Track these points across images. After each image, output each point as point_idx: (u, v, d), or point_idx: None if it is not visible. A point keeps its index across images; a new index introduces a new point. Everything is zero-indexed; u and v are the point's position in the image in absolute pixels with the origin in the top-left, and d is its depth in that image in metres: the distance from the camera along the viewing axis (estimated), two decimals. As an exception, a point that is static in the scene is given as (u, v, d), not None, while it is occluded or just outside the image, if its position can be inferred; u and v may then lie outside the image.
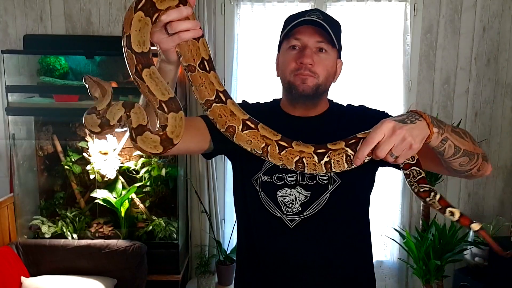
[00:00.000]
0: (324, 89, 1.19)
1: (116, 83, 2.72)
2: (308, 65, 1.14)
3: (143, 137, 0.82)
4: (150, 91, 0.82)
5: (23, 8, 2.82)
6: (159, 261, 2.69)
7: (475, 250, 2.81)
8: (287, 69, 1.18)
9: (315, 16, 1.15)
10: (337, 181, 1.17)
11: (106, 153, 2.78)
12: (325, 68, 1.16)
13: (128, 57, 0.81)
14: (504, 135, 3.00)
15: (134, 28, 0.78)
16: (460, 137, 0.97)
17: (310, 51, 1.14)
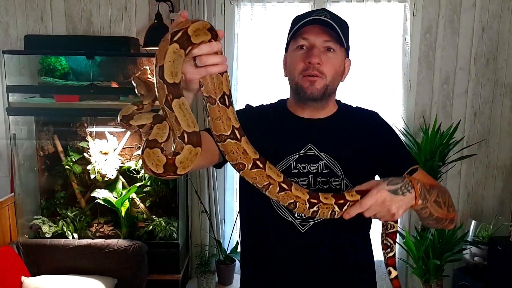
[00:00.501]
0: (332, 90, 1.18)
1: (116, 83, 2.72)
2: (316, 65, 1.13)
3: (151, 151, 0.82)
4: (176, 121, 0.83)
5: (24, 8, 2.83)
6: (159, 261, 2.69)
7: (475, 250, 2.82)
8: (295, 70, 1.17)
9: (323, 16, 1.14)
10: (349, 186, 1.17)
11: (107, 153, 2.79)
12: (333, 68, 1.15)
13: (159, 87, 0.82)
14: (503, 135, 3.01)
15: (168, 59, 0.79)
16: (439, 206, 1.08)
17: (318, 51, 1.13)
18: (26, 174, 2.81)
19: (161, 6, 2.73)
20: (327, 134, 1.20)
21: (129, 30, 2.85)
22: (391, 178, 1.00)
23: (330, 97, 1.20)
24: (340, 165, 1.17)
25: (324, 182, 1.17)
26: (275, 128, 1.23)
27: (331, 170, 1.17)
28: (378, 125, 1.25)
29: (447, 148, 2.72)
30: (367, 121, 1.25)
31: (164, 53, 0.79)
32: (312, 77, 1.13)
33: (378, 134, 1.23)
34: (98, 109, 2.64)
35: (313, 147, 1.19)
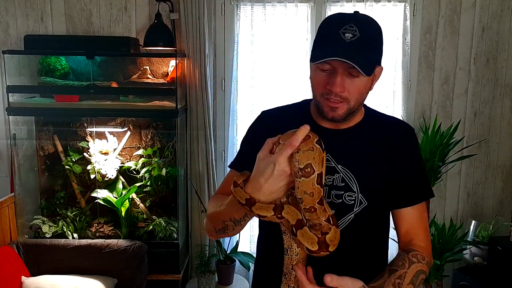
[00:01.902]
0: (356, 110, 1.11)
1: (116, 83, 2.72)
2: (339, 92, 1.05)
3: (302, 231, 0.91)
4: (325, 210, 0.94)
5: (24, 8, 2.83)
6: (159, 261, 2.69)
7: (475, 250, 2.82)
8: (317, 90, 1.09)
9: (351, 34, 1.02)
10: (363, 203, 1.11)
11: (107, 153, 2.79)
12: (358, 92, 1.07)
13: (316, 192, 0.90)
14: (503, 135, 3.01)
15: (324, 167, 0.91)
16: None
17: (341, 78, 1.03)
18: (26, 174, 2.81)
19: (161, 6, 2.74)
20: (347, 146, 1.14)
21: (129, 30, 2.85)
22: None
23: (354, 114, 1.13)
24: (356, 180, 1.12)
25: (338, 196, 1.12)
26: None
27: (347, 184, 1.12)
28: (405, 142, 1.17)
29: (447, 148, 2.73)
30: (394, 135, 1.17)
31: (321, 160, 0.89)
32: (334, 103, 1.06)
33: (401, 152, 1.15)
34: (98, 109, 2.64)
35: (330, 158, 1.13)
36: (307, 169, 0.87)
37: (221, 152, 2.97)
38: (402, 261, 1.08)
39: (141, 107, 2.67)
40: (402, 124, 1.23)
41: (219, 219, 1.09)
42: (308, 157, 0.87)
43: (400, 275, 1.04)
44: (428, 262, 1.12)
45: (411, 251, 1.11)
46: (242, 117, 2.95)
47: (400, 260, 1.08)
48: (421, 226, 1.16)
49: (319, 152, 0.88)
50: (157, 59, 2.84)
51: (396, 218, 1.18)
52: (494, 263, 2.66)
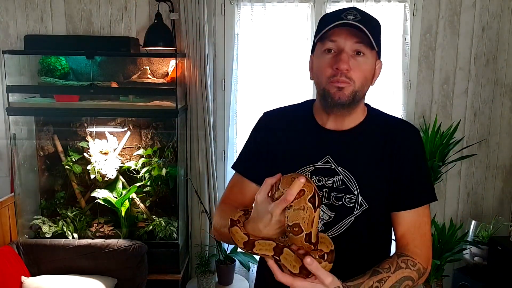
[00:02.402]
0: (361, 95, 1.11)
1: (116, 83, 2.72)
2: (345, 71, 1.05)
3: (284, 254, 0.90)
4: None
5: (24, 8, 2.83)
6: (159, 261, 2.69)
7: (475, 250, 2.82)
8: (323, 76, 1.08)
9: (352, 16, 1.05)
10: (364, 205, 1.10)
11: (107, 153, 2.79)
12: (363, 74, 1.08)
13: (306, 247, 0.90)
14: (503, 135, 3.01)
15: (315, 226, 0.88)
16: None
17: (347, 56, 1.05)
18: (26, 174, 2.81)
19: (161, 6, 2.74)
20: (348, 148, 1.13)
21: (129, 30, 2.85)
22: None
23: (359, 103, 1.12)
24: (357, 182, 1.10)
25: (337, 198, 1.11)
26: (294, 138, 1.17)
27: (347, 186, 1.11)
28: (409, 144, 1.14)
29: (447, 148, 2.73)
30: (398, 136, 1.14)
31: (311, 220, 0.87)
32: (340, 83, 1.06)
33: (404, 154, 1.12)
34: (98, 109, 2.64)
35: (330, 160, 1.13)
36: (295, 228, 0.87)
37: (221, 152, 2.97)
38: (390, 264, 1.04)
39: (141, 107, 2.67)
40: (406, 124, 1.20)
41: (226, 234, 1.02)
42: (297, 216, 0.86)
43: (382, 278, 1.01)
44: (420, 269, 1.07)
45: (402, 256, 1.08)
46: (242, 117, 2.95)
47: (387, 263, 1.05)
48: (418, 231, 1.11)
49: (310, 212, 0.86)
50: (157, 59, 2.84)
51: (394, 220, 1.14)
52: (494, 263, 2.66)
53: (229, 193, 1.24)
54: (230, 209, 1.12)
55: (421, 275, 1.08)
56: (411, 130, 1.17)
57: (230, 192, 1.24)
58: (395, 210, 1.13)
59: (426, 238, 1.12)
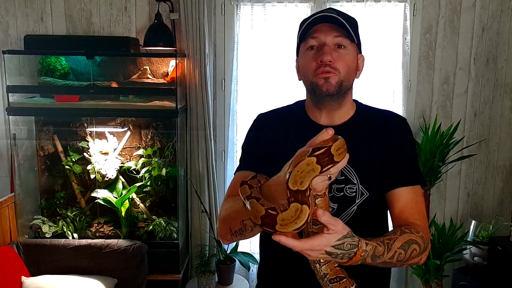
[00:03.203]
0: (347, 86, 1.16)
1: (116, 83, 2.72)
2: (328, 62, 1.12)
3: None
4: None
5: (24, 8, 2.83)
6: (159, 261, 2.69)
7: (474, 250, 2.82)
8: (308, 70, 1.15)
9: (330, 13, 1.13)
10: (364, 194, 1.15)
11: (107, 153, 2.79)
12: (346, 64, 1.14)
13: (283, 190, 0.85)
14: (503, 135, 3.01)
15: (297, 169, 0.82)
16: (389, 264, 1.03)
17: (329, 48, 1.12)
18: (26, 174, 2.81)
19: (161, 6, 2.74)
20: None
21: (129, 30, 2.85)
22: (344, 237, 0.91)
23: (347, 94, 1.18)
24: (356, 172, 1.16)
25: (339, 189, 1.16)
26: (291, 136, 1.21)
27: (347, 177, 1.16)
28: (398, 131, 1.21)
29: (447, 148, 2.73)
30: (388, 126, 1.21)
31: (297, 162, 0.83)
32: (326, 73, 1.12)
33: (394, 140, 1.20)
34: (98, 109, 2.64)
35: None
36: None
37: (221, 152, 2.97)
38: (394, 230, 1.07)
39: (141, 107, 2.67)
40: (394, 115, 1.26)
41: (237, 218, 1.05)
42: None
43: (390, 237, 1.02)
44: (423, 237, 1.08)
45: (404, 225, 1.10)
46: (242, 117, 2.95)
47: (392, 231, 1.07)
48: (416, 207, 1.15)
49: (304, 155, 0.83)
50: (157, 59, 2.84)
51: (391, 199, 1.16)
52: (494, 263, 2.66)
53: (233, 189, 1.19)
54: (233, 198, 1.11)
55: (425, 245, 1.08)
56: (400, 120, 1.24)
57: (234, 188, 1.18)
58: (391, 188, 1.16)
59: (424, 215, 1.15)
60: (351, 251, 0.92)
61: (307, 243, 0.88)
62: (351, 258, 0.93)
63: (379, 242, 0.99)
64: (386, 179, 1.17)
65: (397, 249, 1.02)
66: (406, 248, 1.03)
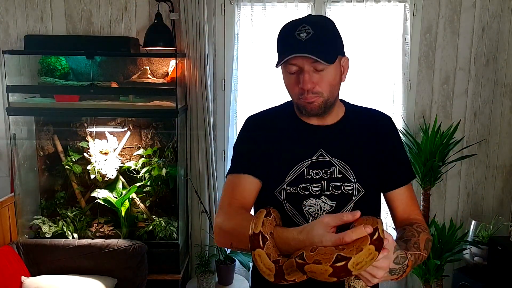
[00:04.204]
0: (332, 101, 1.18)
1: (116, 83, 2.72)
2: (310, 89, 1.12)
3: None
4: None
5: (24, 8, 2.83)
6: (159, 261, 2.69)
7: (475, 250, 2.82)
8: (292, 93, 1.18)
9: (305, 33, 1.09)
10: (361, 191, 1.19)
11: (107, 153, 2.79)
12: (328, 84, 1.14)
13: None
14: (503, 135, 3.01)
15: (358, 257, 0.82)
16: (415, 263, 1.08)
17: (308, 75, 1.11)
18: (26, 174, 2.81)
19: (161, 6, 2.74)
20: (338, 140, 1.21)
21: (129, 30, 2.85)
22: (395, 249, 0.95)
23: (333, 105, 1.20)
24: (352, 170, 1.19)
25: (336, 187, 1.18)
26: (284, 136, 1.23)
27: (344, 175, 1.19)
28: (387, 130, 1.27)
29: (447, 148, 2.73)
30: (377, 124, 1.26)
31: (359, 249, 0.80)
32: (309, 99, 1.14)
33: (385, 139, 1.25)
34: (98, 109, 2.64)
35: (324, 153, 1.20)
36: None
37: (221, 152, 2.97)
38: (411, 232, 1.14)
39: (141, 107, 2.67)
40: (381, 114, 1.30)
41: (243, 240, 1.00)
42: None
43: (415, 242, 1.10)
44: (428, 230, 1.20)
45: (414, 224, 1.18)
46: (242, 117, 2.95)
47: (408, 232, 1.14)
48: (413, 202, 1.26)
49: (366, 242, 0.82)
50: (157, 59, 2.84)
51: (391, 199, 1.25)
52: (494, 263, 2.66)
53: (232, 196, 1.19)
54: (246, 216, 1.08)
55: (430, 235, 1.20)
56: (387, 118, 1.29)
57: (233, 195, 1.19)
58: (390, 189, 1.25)
59: (418, 208, 1.28)
60: (404, 264, 0.98)
61: (385, 262, 0.90)
62: (404, 271, 1.00)
63: (414, 249, 1.07)
64: (384, 181, 1.24)
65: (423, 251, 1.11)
66: (427, 247, 1.13)
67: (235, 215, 1.12)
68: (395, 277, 0.99)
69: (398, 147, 1.28)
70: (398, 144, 1.29)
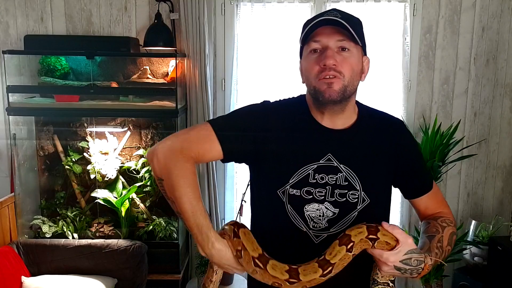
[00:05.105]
0: (351, 90, 1.12)
1: (116, 83, 2.72)
2: (332, 66, 1.08)
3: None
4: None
5: (24, 8, 2.83)
6: (159, 261, 2.69)
7: (475, 250, 2.82)
8: (311, 74, 1.12)
9: (333, 15, 1.10)
10: (366, 200, 1.15)
11: (107, 153, 2.79)
12: (350, 67, 1.10)
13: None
14: (503, 135, 3.01)
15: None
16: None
17: (332, 52, 1.08)
18: (26, 174, 2.81)
19: (161, 6, 2.74)
20: (348, 146, 1.17)
21: (129, 30, 2.85)
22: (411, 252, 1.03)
23: (350, 99, 1.15)
24: (359, 179, 1.15)
25: (341, 194, 1.15)
26: (295, 133, 1.18)
27: (350, 183, 1.15)
28: (401, 138, 1.23)
29: (447, 148, 2.73)
30: (390, 132, 1.21)
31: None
32: (330, 78, 1.08)
33: (400, 148, 1.21)
34: (98, 109, 2.64)
35: (332, 158, 1.16)
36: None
37: (221, 152, 2.97)
38: (435, 227, 1.16)
39: (141, 107, 2.67)
40: (393, 119, 1.26)
41: (176, 202, 1.07)
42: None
43: (439, 239, 1.13)
44: (455, 223, 1.22)
45: (438, 218, 1.20)
46: (242, 117, 2.94)
47: (433, 227, 1.17)
48: (437, 200, 1.27)
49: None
50: (157, 59, 2.84)
51: (414, 203, 1.28)
52: (494, 263, 2.65)
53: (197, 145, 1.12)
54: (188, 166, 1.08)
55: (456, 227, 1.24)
56: (400, 124, 1.26)
57: (198, 145, 1.13)
58: (414, 197, 1.27)
59: (444, 201, 1.29)
60: (419, 267, 1.02)
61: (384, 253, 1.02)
62: (419, 273, 1.04)
63: (436, 250, 1.10)
64: (408, 188, 1.26)
65: (446, 247, 1.14)
66: (451, 242, 1.16)
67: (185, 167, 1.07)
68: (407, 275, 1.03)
69: (418, 154, 1.28)
70: (417, 151, 1.28)
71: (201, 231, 1.04)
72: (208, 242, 1.03)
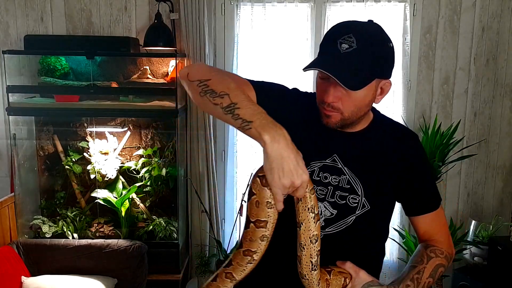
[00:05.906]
0: (353, 120, 1.11)
1: (116, 83, 2.72)
2: (331, 103, 1.06)
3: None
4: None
5: (24, 8, 2.83)
6: (159, 261, 2.69)
7: (474, 250, 2.82)
8: (317, 96, 1.12)
9: (347, 45, 1.00)
10: (366, 206, 1.14)
11: (107, 153, 2.79)
12: (352, 104, 1.06)
13: None
14: (503, 135, 3.01)
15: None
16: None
17: (334, 89, 1.04)
18: (26, 174, 2.81)
19: (161, 6, 2.74)
20: (355, 150, 1.16)
21: (129, 30, 2.85)
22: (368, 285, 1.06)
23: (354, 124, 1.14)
24: (361, 184, 1.14)
25: (342, 197, 1.14)
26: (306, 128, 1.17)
27: (352, 187, 1.14)
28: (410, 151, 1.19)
29: (447, 148, 2.73)
30: (400, 143, 1.18)
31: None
32: (329, 111, 1.08)
33: (407, 161, 1.17)
34: (98, 109, 2.64)
35: (337, 159, 1.16)
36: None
37: (221, 152, 2.97)
38: (421, 257, 1.16)
39: (141, 107, 2.67)
40: (407, 131, 1.23)
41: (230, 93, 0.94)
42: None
43: (419, 270, 1.12)
44: (447, 256, 1.19)
45: (429, 247, 1.19)
46: (242, 117, 2.94)
47: (418, 256, 1.17)
48: (438, 225, 1.22)
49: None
50: (157, 59, 2.84)
51: (415, 222, 1.23)
52: (494, 263, 2.65)
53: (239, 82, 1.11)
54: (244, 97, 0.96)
55: (449, 260, 1.20)
56: (414, 137, 1.22)
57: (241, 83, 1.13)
58: (414, 215, 1.22)
59: (445, 227, 1.25)
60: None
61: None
62: None
63: (409, 282, 1.10)
64: (410, 205, 1.22)
65: (426, 279, 1.12)
66: (434, 274, 1.14)
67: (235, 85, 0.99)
68: None
69: (427, 171, 1.24)
70: (427, 168, 1.24)
71: (261, 113, 0.90)
72: (275, 126, 0.88)
